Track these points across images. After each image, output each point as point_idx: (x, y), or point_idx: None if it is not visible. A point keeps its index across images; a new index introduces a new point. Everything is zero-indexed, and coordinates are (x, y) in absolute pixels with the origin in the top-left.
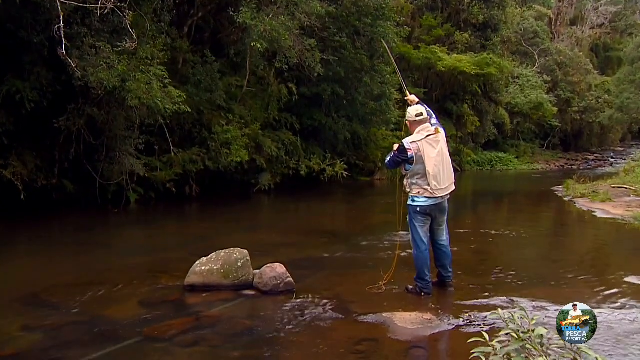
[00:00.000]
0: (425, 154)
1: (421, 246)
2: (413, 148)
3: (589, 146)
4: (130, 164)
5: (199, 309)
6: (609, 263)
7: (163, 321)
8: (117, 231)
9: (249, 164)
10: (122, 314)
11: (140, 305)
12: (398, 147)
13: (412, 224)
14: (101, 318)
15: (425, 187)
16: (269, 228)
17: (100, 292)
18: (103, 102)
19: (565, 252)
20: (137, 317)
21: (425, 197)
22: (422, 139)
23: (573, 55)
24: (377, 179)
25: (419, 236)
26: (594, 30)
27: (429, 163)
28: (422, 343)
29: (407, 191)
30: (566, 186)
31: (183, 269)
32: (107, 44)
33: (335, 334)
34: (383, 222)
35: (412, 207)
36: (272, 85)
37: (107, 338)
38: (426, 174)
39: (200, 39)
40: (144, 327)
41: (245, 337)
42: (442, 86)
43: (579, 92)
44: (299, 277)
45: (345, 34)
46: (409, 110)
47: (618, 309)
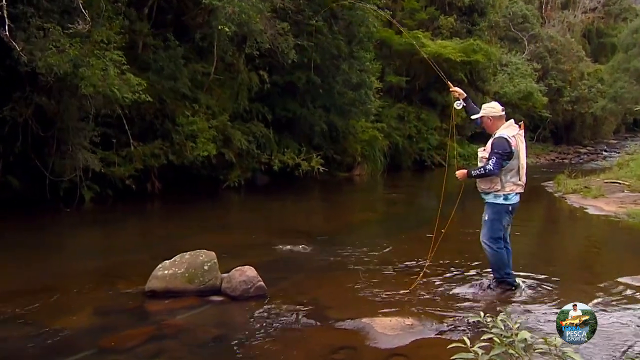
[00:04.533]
0: (520, 148)
1: (501, 244)
2: (513, 142)
3: (581, 139)
4: (84, 158)
5: (161, 317)
6: (601, 263)
7: (121, 331)
8: (70, 232)
9: (216, 158)
10: (75, 324)
11: (96, 314)
12: (498, 143)
13: (498, 222)
14: (52, 329)
15: (519, 183)
16: (238, 228)
17: (51, 300)
18: (53, 90)
19: (555, 251)
20: (92, 327)
21: (516, 192)
22: (516, 133)
23: (564, 41)
24: (357, 174)
25: (500, 234)
26: (586, 15)
27: (522, 157)
28: (403, 350)
29: (497, 189)
30: (557, 181)
31: (143, 273)
32: (57, 25)
33: (310, 342)
34: (363, 221)
35: (503, 206)
36: (242, 73)
37: (59, 351)
38: (519, 169)
39: (162, 22)
40: (100, 338)
41: (211, 347)
42: (425, 74)
43: (570, 80)
44: (271, 281)
45: (321, 17)
46: (493, 105)
47: (609, 311)
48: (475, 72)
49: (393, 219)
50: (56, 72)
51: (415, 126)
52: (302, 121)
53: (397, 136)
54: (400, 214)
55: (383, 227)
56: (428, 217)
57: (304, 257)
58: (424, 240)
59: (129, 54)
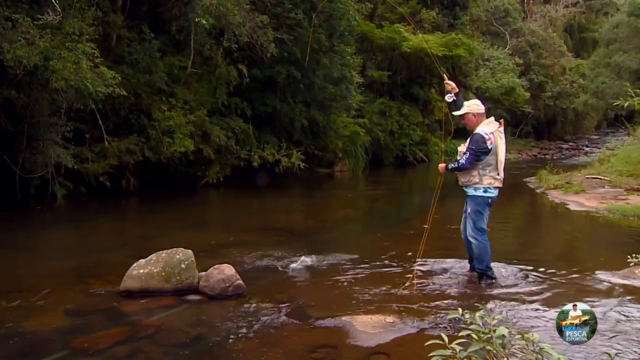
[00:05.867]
0: (498, 145)
1: (485, 235)
2: (491, 139)
3: (562, 134)
4: (56, 154)
5: (136, 318)
6: (581, 259)
7: (94, 332)
8: (41, 231)
9: (194, 154)
10: (46, 325)
11: (68, 315)
12: (475, 139)
13: (479, 214)
14: (21, 330)
15: (497, 178)
16: (217, 226)
17: (20, 300)
18: (23, 84)
19: (535, 247)
20: (64, 328)
21: (495, 187)
22: (495, 130)
23: (546, 35)
24: (338, 170)
25: (484, 225)
26: (568, 9)
27: (500, 154)
28: (384, 348)
29: (476, 182)
30: (538, 177)
31: (118, 272)
32: (27, 16)
33: (290, 341)
34: (344, 218)
35: (483, 198)
36: (220, 67)
37: (28, 353)
38: (497, 164)
39: (137, 13)
40: (72, 339)
41: (188, 347)
42: (407, 69)
43: (552, 75)
44: (250, 280)
45: (301, 10)
46: (477, 102)
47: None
48: (457, 66)
49: (374, 216)
50: (26, 64)
51: (397, 121)
52: (282, 116)
53: (379, 132)
54: (381, 211)
55: (364, 224)
56: (409, 214)
57: (283, 255)
58: (406, 237)
59: (103, 46)
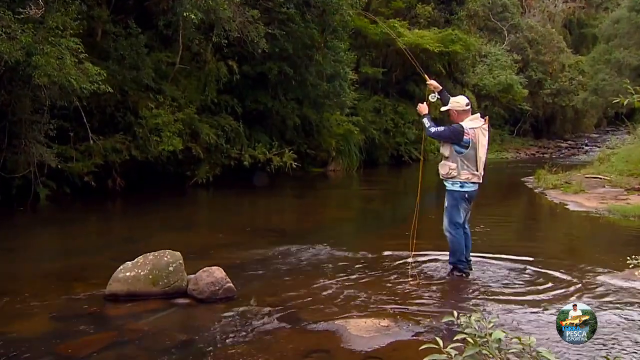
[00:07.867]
0: (479, 141)
1: (460, 230)
2: (471, 134)
3: (562, 132)
4: (39, 153)
5: (122, 322)
6: (581, 261)
7: (79, 337)
8: (24, 233)
9: (183, 153)
10: (29, 330)
11: (52, 319)
12: (454, 126)
13: (456, 208)
14: (3, 335)
15: (475, 173)
16: (206, 227)
17: (2, 304)
18: (4, 80)
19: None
20: (48, 333)
21: (472, 182)
22: (479, 127)
23: (545, 31)
24: (331, 170)
25: (459, 220)
26: (567, 4)
27: (481, 150)
28: (379, 353)
29: (453, 175)
30: (537, 177)
31: (104, 275)
32: (7, 10)
33: (281, 346)
34: (337, 219)
35: (459, 192)
36: (210, 63)
37: (11, 358)
38: (477, 160)
39: (123, 7)
40: (56, 345)
41: (176, 352)
42: (402, 65)
43: (551, 72)
44: (240, 282)
45: (293, 4)
46: (458, 99)
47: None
48: (453, 63)
49: (368, 217)
50: (7, 60)
51: (392, 119)
52: (274, 114)
53: (373, 130)
54: (375, 211)
55: (358, 225)
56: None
57: (274, 257)
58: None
59: (87, 41)
